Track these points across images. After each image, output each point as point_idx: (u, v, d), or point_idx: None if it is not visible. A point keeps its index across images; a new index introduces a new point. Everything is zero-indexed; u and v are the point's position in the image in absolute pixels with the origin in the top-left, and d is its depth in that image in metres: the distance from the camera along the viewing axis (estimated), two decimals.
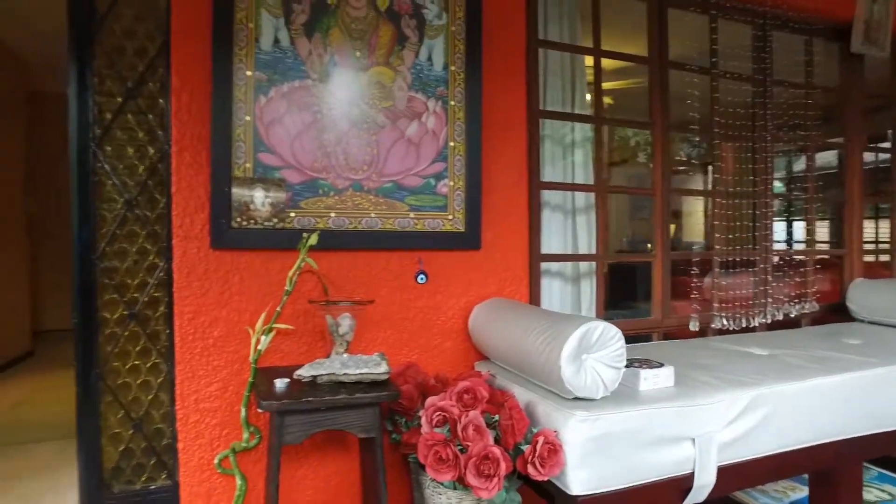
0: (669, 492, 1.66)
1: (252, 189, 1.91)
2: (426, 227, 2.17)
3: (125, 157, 1.98)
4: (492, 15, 2.25)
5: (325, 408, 1.59)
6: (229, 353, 1.93)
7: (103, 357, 1.98)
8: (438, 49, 2.15)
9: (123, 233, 1.98)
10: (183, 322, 1.90)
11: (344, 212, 2.05)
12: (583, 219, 2.72)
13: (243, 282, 1.93)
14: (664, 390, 1.71)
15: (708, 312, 2.75)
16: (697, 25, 2.82)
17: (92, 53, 1.93)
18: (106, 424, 1.99)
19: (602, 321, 1.58)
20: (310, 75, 1.99)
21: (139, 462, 2.02)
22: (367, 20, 2.06)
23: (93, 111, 1.95)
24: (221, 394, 1.93)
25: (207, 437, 1.93)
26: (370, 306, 2.04)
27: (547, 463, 1.47)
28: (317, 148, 2.00)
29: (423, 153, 2.14)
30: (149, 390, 2.01)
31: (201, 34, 1.91)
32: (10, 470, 2.95)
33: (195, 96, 1.91)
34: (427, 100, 2.14)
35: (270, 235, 1.93)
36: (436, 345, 2.20)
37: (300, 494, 2.02)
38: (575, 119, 2.66)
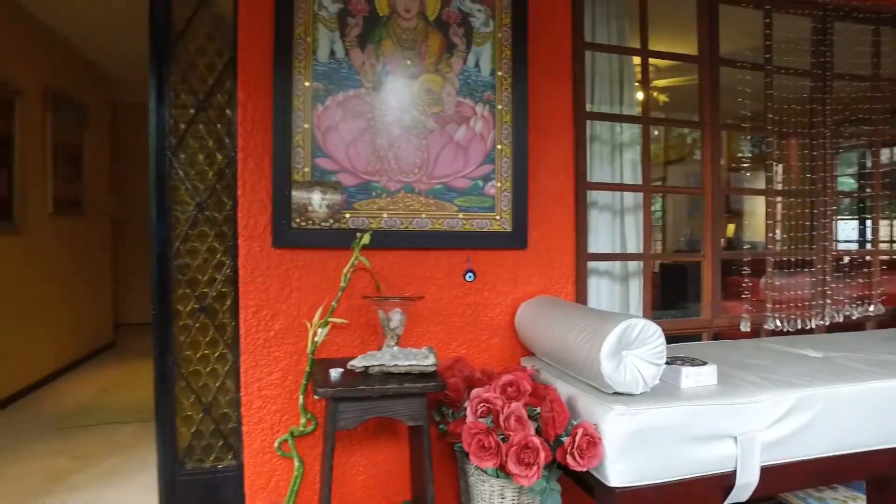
0: (711, 489, 1.67)
1: (310, 192, 2.05)
2: (474, 227, 2.25)
3: (196, 163, 2.16)
4: (537, 20, 2.31)
5: (376, 396, 1.70)
6: (289, 344, 2.08)
7: (177, 346, 2.17)
8: (486, 55, 2.23)
9: (195, 233, 2.16)
10: (247, 315, 2.06)
11: (396, 213, 2.16)
12: (631, 218, 2.73)
13: (302, 278, 2.08)
14: (706, 388, 1.73)
15: (761, 313, 2.71)
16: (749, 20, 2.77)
17: (169, 70, 2.12)
18: (180, 407, 2.18)
19: (642, 319, 1.62)
20: (363, 84, 2.11)
21: (208, 443, 2.19)
22: (417, 30, 2.16)
23: (169, 122, 2.14)
24: (281, 382, 2.08)
25: (269, 422, 2.09)
26: (420, 302, 2.14)
27: (586, 454, 1.52)
28: (370, 152, 2.12)
29: (471, 156, 2.23)
30: (216, 377, 2.18)
31: (264, 49, 2.07)
32: (94, 448, 3.24)
33: (258, 106, 2.07)
34: (475, 104, 2.22)
35: (327, 235, 2.07)
36: (483, 340, 2.28)
37: (353, 479, 2.15)
38: (622, 120, 2.67)
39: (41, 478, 2.84)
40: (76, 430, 3.55)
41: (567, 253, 2.37)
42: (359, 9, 2.11)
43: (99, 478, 2.85)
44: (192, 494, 2.17)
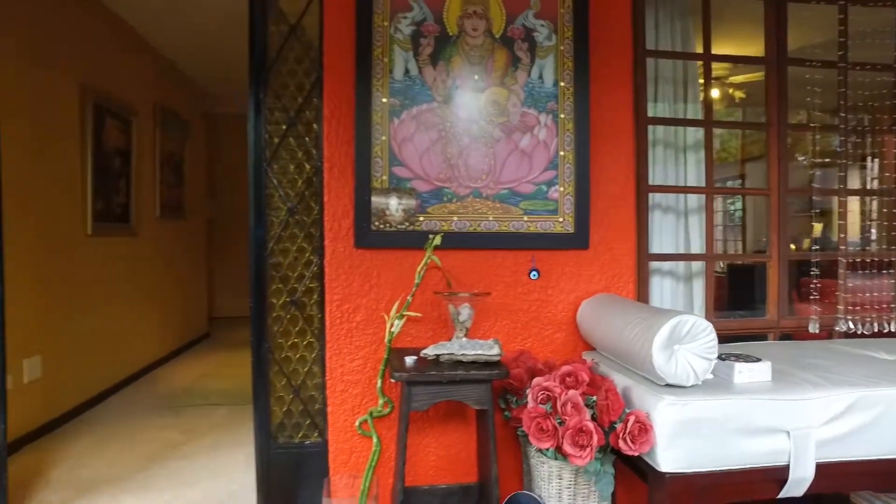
0: (763, 481, 1.75)
1: (388, 198, 2.28)
2: (538, 229, 2.40)
3: (288, 172, 2.44)
4: (598, 31, 2.42)
5: (446, 381, 1.89)
6: (368, 334, 2.31)
7: (271, 335, 2.45)
8: (549, 67, 2.38)
9: (286, 234, 2.44)
10: (332, 308, 2.32)
11: (465, 216, 2.35)
12: (695, 219, 2.78)
13: (380, 275, 2.31)
14: (760, 384, 1.80)
15: (833, 315, 2.69)
16: (821, 13, 2.74)
17: (265, 92, 2.40)
18: (273, 389, 2.46)
19: (693, 315, 1.71)
20: (435, 98, 2.31)
21: (297, 421, 2.47)
22: (484, 47, 2.34)
23: (264, 137, 2.43)
24: (362, 368, 2.32)
25: (350, 404, 2.33)
26: (487, 298, 2.32)
27: (637, 440, 1.65)
28: (441, 161, 2.32)
29: (535, 162, 2.38)
30: (305, 363, 2.45)
31: (346, 70, 2.31)
32: (198, 424, 3.64)
33: (342, 121, 2.31)
34: (538, 114, 2.37)
35: (402, 237, 2.28)
36: (546, 335, 2.42)
37: (424, 459, 2.36)
38: (683, 124, 2.73)
39: (159, 446, 3.25)
40: (183, 409, 3.98)
41: (628, 253, 2.47)
42: (430, 30, 2.32)
43: (204, 450, 3.22)
44: (283, 466, 2.45)
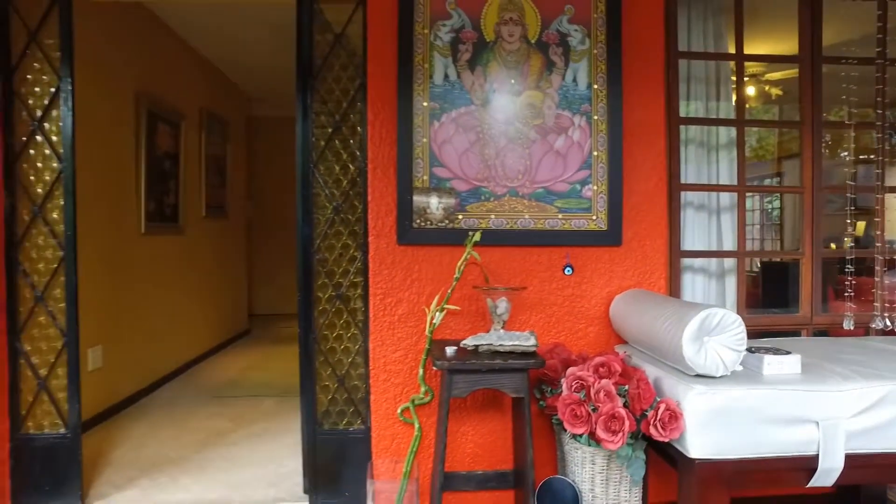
0: (792, 469, 1.80)
1: (428, 196, 2.40)
2: (572, 227, 2.49)
3: (333, 173, 2.58)
4: (631, 34, 2.50)
5: (485, 370, 2.00)
6: (410, 327, 2.44)
7: (317, 327, 2.60)
8: (582, 71, 2.46)
9: (332, 232, 2.58)
10: (375, 302, 2.45)
11: (502, 214, 2.45)
12: (728, 217, 2.83)
13: (421, 270, 2.43)
14: (789, 376, 1.86)
15: (868, 312, 2.70)
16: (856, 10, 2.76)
17: (311, 97, 2.55)
18: (319, 378, 2.60)
19: (722, 309, 1.79)
20: (473, 102, 2.43)
21: (341, 409, 2.61)
22: (520, 52, 2.44)
23: (311, 140, 2.57)
24: (403, 359, 2.45)
25: (392, 393, 2.46)
26: (523, 292, 2.42)
27: (667, 427, 1.73)
28: (479, 161, 2.43)
29: (569, 162, 2.47)
30: (349, 354, 2.59)
31: (389, 76, 2.44)
32: (244, 413, 3.83)
33: (385, 125, 2.44)
34: (573, 116, 2.46)
35: (442, 234, 2.40)
36: (580, 329, 2.51)
37: (462, 446, 2.47)
38: (715, 123, 2.78)
39: (209, 433, 3.44)
40: (229, 399, 4.18)
41: (660, 250, 2.54)
42: (468, 36, 2.43)
43: (251, 437, 3.40)
44: (329, 451, 2.59)
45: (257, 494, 2.70)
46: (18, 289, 2.54)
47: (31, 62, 2.52)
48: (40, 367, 2.57)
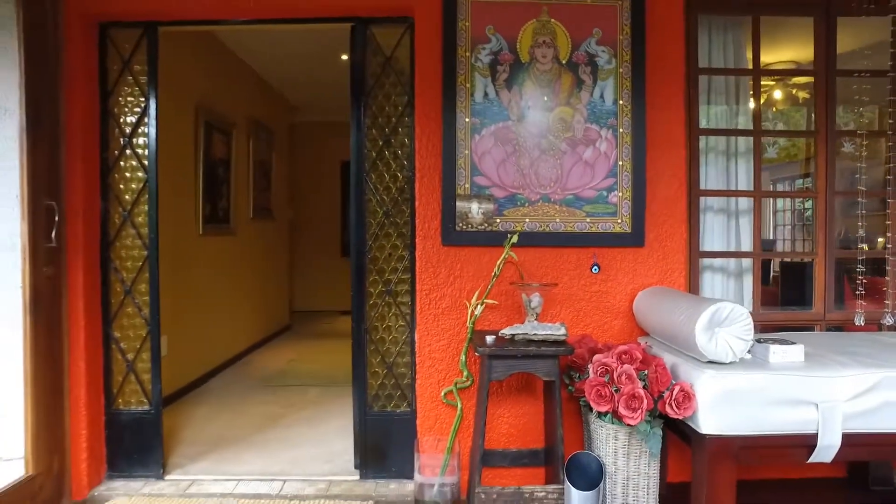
0: (794, 446, 2.04)
1: (469, 202, 2.68)
2: (599, 230, 2.74)
3: (384, 181, 2.88)
4: (654, 53, 2.74)
5: (520, 356, 2.28)
6: (452, 319, 2.73)
7: (369, 319, 2.90)
8: (609, 88, 2.72)
9: (382, 234, 2.88)
10: (422, 296, 2.74)
11: (535, 218, 2.72)
12: (746, 219, 3.04)
13: (462, 269, 2.72)
14: (792, 363, 2.09)
15: (881, 310, 2.89)
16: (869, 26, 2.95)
17: (364, 113, 2.86)
18: (370, 365, 2.91)
19: (731, 302, 2.03)
20: (510, 117, 2.70)
21: (389, 393, 2.91)
22: (552, 72, 2.71)
23: (364, 151, 2.88)
24: (446, 348, 2.74)
25: (436, 378, 2.75)
26: (554, 288, 2.68)
27: (682, 406, 1.98)
28: (515, 171, 2.70)
29: (597, 171, 2.73)
30: (397, 344, 2.89)
31: (434, 94, 2.73)
32: (293, 400, 4.17)
33: (431, 138, 2.73)
34: (600, 129, 2.72)
35: (482, 236, 2.69)
36: (606, 322, 2.76)
37: (498, 427, 2.75)
38: (733, 134, 3.00)
39: (264, 417, 3.79)
40: (278, 388, 4.54)
41: (680, 251, 2.78)
42: (506, 58, 2.71)
43: (302, 421, 3.74)
44: (378, 431, 2.90)
45: (314, 469, 3.02)
46: (111, 283, 2.91)
47: (123, 86, 2.89)
48: (128, 351, 2.93)
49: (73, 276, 2.76)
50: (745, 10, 2.92)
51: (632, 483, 2.21)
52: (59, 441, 2.71)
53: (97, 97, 2.87)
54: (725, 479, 2.00)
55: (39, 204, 2.58)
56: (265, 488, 2.84)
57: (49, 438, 2.64)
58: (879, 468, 2.71)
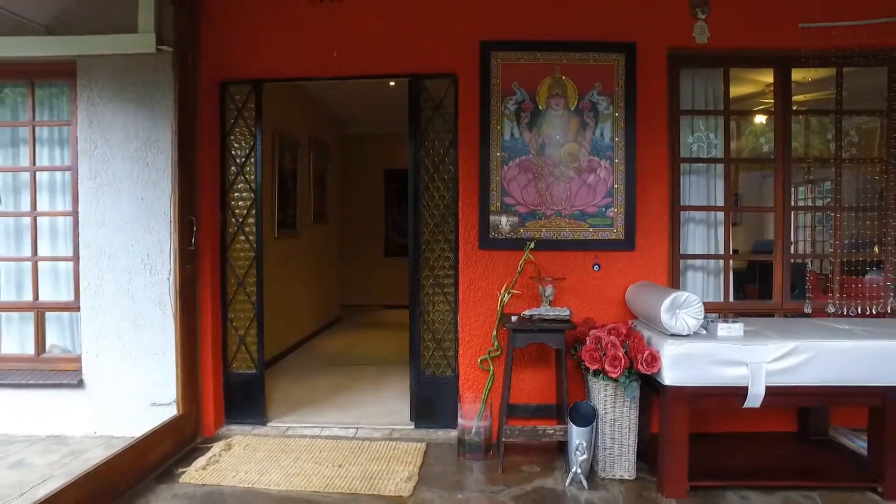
0: (731, 395, 2.83)
1: (499, 216, 3.54)
2: (599, 237, 3.57)
3: (434, 199, 3.76)
4: (643, 101, 3.55)
5: (536, 329, 3.14)
6: (486, 305, 3.59)
7: (422, 305, 3.78)
8: (607, 128, 3.54)
9: (433, 240, 3.76)
10: (463, 288, 3.61)
11: (550, 229, 3.56)
12: (722, 228, 3.82)
13: (494, 267, 3.58)
14: (734, 336, 2.88)
15: (828, 300, 3.64)
16: None
17: (419, 148, 3.74)
18: (423, 340, 3.79)
19: (687, 293, 2.84)
20: (530, 152, 3.55)
21: (437, 362, 3.79)
22: (563, 116, 3.54)
23: (416, 178, 3.76)
24: (481, 327, 3.60)
25: (473, 350, 3.62)
26: (563, 282, 3.52)
27: (650, 365, 2.80)
28: (534, 192, 3.55)
29: (597, 193, 3.55)
30: (444, 324, 3.77)
31: (473, 134, 3.59)
32: (354, 376, 5.09)
33: (470, 167, 3.60)
34: (600, 160, 3.54)
35: (509, 242, 3.54)
36: (604, 308, 3.59)
37: (520, 387, 3.60)
38: (708, 161, 3.78)
39: (333, 387, 4.73)
40: (340, 366, 5.47)
41: (664, 254, 3.58)
42: (527, 107, 3.55)
43: (365, 389, 4.65)
44: (428, 391, 3.78)
45: (378, 421, 3.92)
46: (227, 277, 3.86)
47: (236, 127, 3.84)
48: (240, 328, 3.88)
49: (203, 272, 3.72)
50: (717, 65, 3.71)
51: (617, 424, 3.04)
52: (196, 394, 3.68)
53: (218, 136, 3.82)
54: (681, 415, 2.82)
55: (185, 218, 3.54)
56: (343, 433, 3.75)
57: (190, 391, 3.61)
58: (818, 420, 3.47)
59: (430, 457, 3.39)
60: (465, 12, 3.61)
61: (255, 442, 3.60)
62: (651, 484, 3.02)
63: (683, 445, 2.84)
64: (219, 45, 3.74)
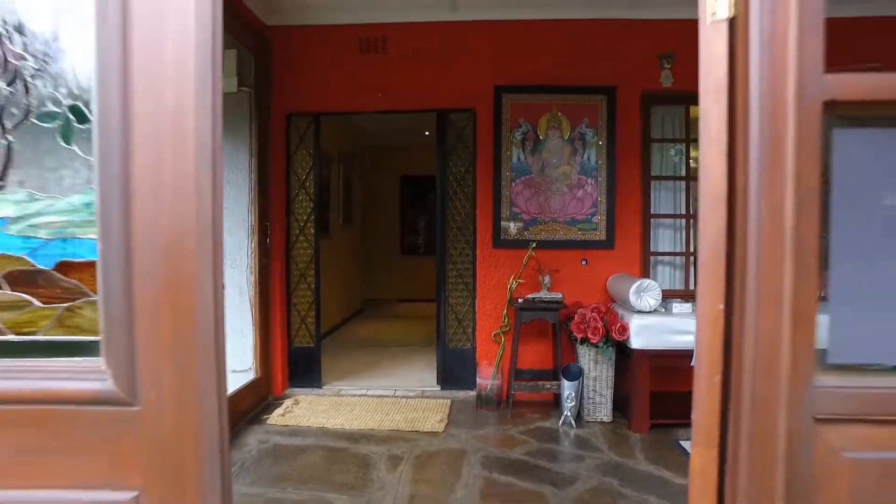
0: (682, 356, 3.81)
1: (508, 222, 4.54)
2: (586, 238, 4.55)
3: (457, 208, 4.75)
4: (621, 132, 4.54)
5: (537, 308, 4.13)
6: (498, 291, 4.58)
7: (447, 291, 4.77)
8: (593, 153, 4.53)
9: (455, 240, 4.75)
10: (479, 278, 4.61)
11: (548, 232, 4.55)
12: (684, 231, 4.80)
13: (504, 262, 4.57)
14: (684, 312, 3.86)
15: None
16: None
17: (445, 168, 4.73)
18: (447, 319, 4.79)
19: (649, 280, 3.82)
20: (532, 172, 4.54)
21: (458, 337, 4.78)
22: (559, 144, 4.53)
23: (444, 190, 4.75)
24: (494, 308, 4.60)
25: (488, 326, 4.61)
26: (558, 273, 4.51)
27: (622, 333, 3.79)
28: (536, 204, 4.54)
29: (585, 204, 4.54)
30: (463, 306, 4.76)
31: (488, 158, 4.59)
32: (384, 355, 6.08)
33: (486, 185, 4.59)
34: (587, 178, 4.53)
35: (515, 242, 4.53)
36: (590, 293, 4.57)
37: (524, 355, 4.59)
38: (673, 179, 4.76)
39: (368, 363, 5.72)
40: (372, 347, 6.46)
41: (637, 252, 4.56)
42: (530, 136, 4.55)
43: (396, 363, 5.64)
44: (452, 360, 4.77)
45: (411, 385, 4.91)
46: (291, 270, 4.85)
47: (299, 151, 4.83)
48: (300, 311, 4.87)
49: (274, 266, 4.71)
50: (680, 103, 4.69)
51: (598, 381, 4.03)
52: (268, 362, 4.67)
53: (284, 157, 4.81)
54: (644, 371, 3.81)
55: (262, 224, 4.53)
56: (384, 393, 4.74)
57: (264, 359, 4.60)
58: None
59: (454, 409, 4.37)
60: (483, 63, 4.61)
61: (316, 399, 4.59)
62: (623, 424, 4.01)
63: (646, 394, 3.83)
64: (286, 85, 4.73)
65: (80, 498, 1.07)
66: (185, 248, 1.04)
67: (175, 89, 1.02)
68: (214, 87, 1.05)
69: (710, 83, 1.05)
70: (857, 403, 1.00)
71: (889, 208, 1.04)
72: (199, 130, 1.03)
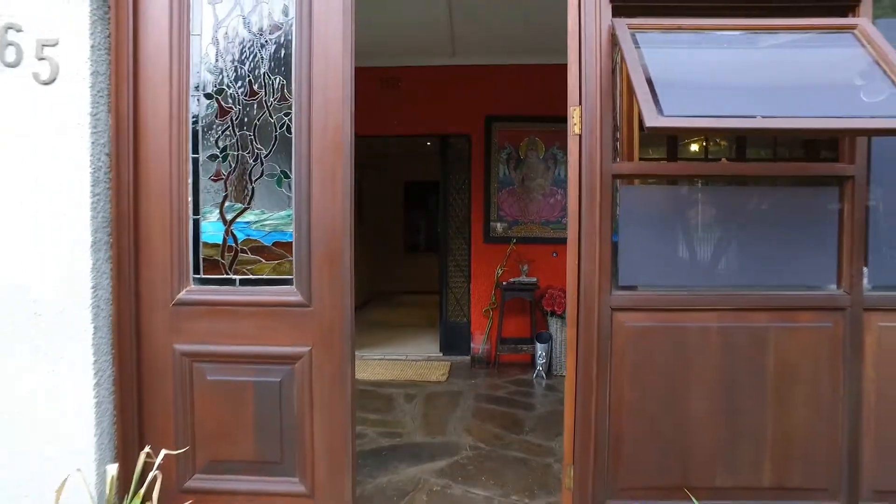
0: None
1: (496, 223, 5.82)
2: (556, 236, 5.83)
3: (456, 212, 6.03)
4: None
5: (517, 289, 5.41)
6: (487, 276, 5.86)
7: (448, 277, 6.06)
8: (562, 169, 5.81)
9: (455, 237, 6.03)
10: (474, 267, 5.90)
11: (526, 231, 5.83)
12: None
13: (492, 254, 5.85)
14: None
15: None
16: None
17: (447, 179, 6.01)
18: (448, 299, 6.06)
19: None
20: (514, 184, 5.82)
21: (457, 312, 6.06)
22: (535, 162, 5.82)
23: (445, 198, 6.02)
24: (485, 289, 5.88)
25: (479, 303, 5.90)
26: (534, 263, 5.79)
27: None
28: (518, 208, 5.82)
29: (556, 209, 5.82)
30: (461, 290, 6.04)
31: (480, 172, 5.87)
32: (395, 333, 7.36)
33: (478, 194, 5.87)
34: (558, 189, 5.81)
35: (501, 238, 5.81)
36: (560, 279, 5.85)
37: (508, 326, 5.86)
38: None
39: (382, 337, 7.00)
40: (382, 328, 7.74)
41: None
42: (513, 156, 5.83)
43: (405, 339, 6.92)
44: (451, 331, 6.05)
45: (419, 352, 6.19)
46: None
47: None
48: None
49: None
50: None
51: (563, 344, 5.31)
52: None
53: None
54: None
55: None
56: (398, 357, 6.02)
57: None
58: None
59: (453, 368, 5.65)
60: (477, 98, 5.88)
61: None
62: None
63: None
64: None
65: (286, 350, 2.36)
66: (336, 231, 2.32)
67: (332, 157, 2.31)
68: (349, 129, 2.34)
69: (569, 161, 2.34)
70: (630, 301, 2.29)
71: (645, 214, 2.33)
72: (345, 179, 2.31)
